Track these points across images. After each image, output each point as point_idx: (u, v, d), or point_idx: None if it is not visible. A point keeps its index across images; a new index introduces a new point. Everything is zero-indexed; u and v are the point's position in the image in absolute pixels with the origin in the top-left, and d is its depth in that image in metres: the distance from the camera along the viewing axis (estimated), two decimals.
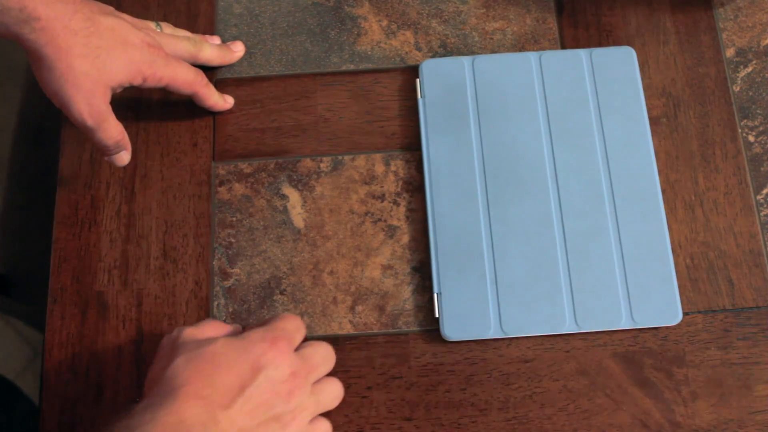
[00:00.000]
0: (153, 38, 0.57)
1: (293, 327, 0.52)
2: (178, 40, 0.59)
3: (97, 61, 0.53)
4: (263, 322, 0.53)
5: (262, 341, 0.49)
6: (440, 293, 0.56)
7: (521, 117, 0.60)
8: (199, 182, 0.60)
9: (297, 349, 0.51)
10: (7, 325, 0.79)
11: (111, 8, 0.56)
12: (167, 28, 0.61)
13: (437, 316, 0.56)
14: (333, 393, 0.53)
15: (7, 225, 0.82)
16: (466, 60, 0.62)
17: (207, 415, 0.46)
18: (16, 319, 0.80)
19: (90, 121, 0.54)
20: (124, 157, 0.58)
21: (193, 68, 0.59)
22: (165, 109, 0.62)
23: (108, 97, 0.54)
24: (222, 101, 0.61)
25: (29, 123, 0.84)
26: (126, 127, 0.59)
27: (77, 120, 0.54)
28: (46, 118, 0.81)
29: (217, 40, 0.64)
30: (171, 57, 0.57)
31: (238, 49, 0.64)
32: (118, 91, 0.56)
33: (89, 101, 0.53)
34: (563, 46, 0.64)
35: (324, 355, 0.52)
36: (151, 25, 0.59)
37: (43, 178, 0.72)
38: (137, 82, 0.56)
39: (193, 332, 0.50)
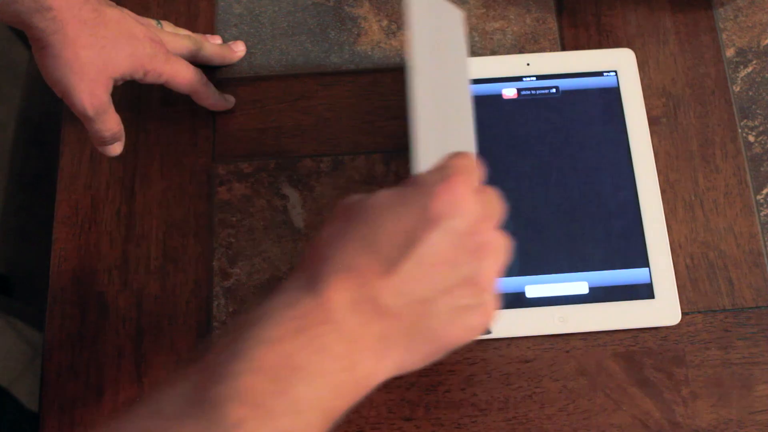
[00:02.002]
0: (155, 34, 0.57)
1: (471, 163, 0.41)
2: (179, 38, 0.60)
3: (102, 51, 0.53)
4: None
5: (434, 183, 0.38)
6: None
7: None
8: (199, 182, 0.60)
9: None
10: (7, 325, 0.79)
11: (114, 3, 0.56)
12: (168, 27, 0.61)
13: None
14: (506, 246, 0.40)
15: (7, 225, 0.82)
16: None
17: (359, 292, 0.36)
18: (16, 319, 0.80)
19: (91, 111, 0.54)
20: (117, 149, 0.58)
21: (193, 67, 0.59)
22: (165, 108, 0.62)
23: (110, 88, 0.55)
24: (222, 101, 0.61)
25: (29, 123, 0.84)
26: (126, 127, 0.59)
27: (78, 109, 0.54)
28: (46, 118, 0.81)
29: (218, 39, 0.64)
30: (172, 54, 0.58)
31: (239, 49, 0.64)
32: (120, 83, 0.56)
33: (91, 91, 0.54)
34: (563, 46, 0.64)
35: (499, 198, 0.41)
36: (153, 23, 0.60)
37: (43, 178, 0.72)
38: (138, 75, 0.56)
39: (361, 195, 0.39)
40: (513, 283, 0.57)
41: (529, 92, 0.62)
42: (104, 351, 0.56)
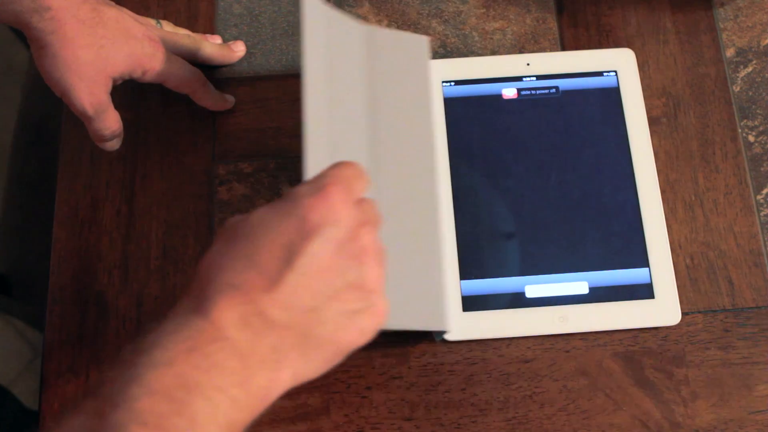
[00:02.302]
0: (154, 33, 0.57)
1: (352, 172, 0.41)
2: (178, 38, 0.60)
3: (101, 51, 0.53)
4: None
5: (308, 195, 0.38)
6: None
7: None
8: (199, 182, 0.60)
9: None
10: (7, 325, 0.79)
11: (113, 2, 0.57)
12: (168, 26, 0.61)
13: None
14: (384, 251, 0.42)
15: (7, 225, 0.82)
16: None
17: (246, 308, 0.36)
18: (16, 319, 0.80)
19: (90, 110, 0.54)
20: (115, 144, 0.59)
21: (192, 67, 0.59)
22: (165, 109, 0.62)
23: (109, 87, 0.55)
24: (222, 101, 0.61)
25: (29, 123, 0.84)
26: (126, 127, 0.59)
27: (77, 109, 0.54)
28: (46, 118, 0.81)
29: (218, 39, 0.64)
30: (171, 53, 0.58)
31: (238, 49, 0.64)
32: (119, 82, 0.56)
33: (91, 90, 0.54)
34: (563, 46, 0.64)
35: (376, 206, 0.42)
36: (152, 22, 0.60)
37: (43, 178, 0.72)
38: (137, 74, 0.56)
39: (241, 215, 0.40)
40: (513, 283, 0.57)
41: (529, 92, 0.62)
42: (104, 351, 0.56)
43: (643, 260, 0.57)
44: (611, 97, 0.61)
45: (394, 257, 0.45)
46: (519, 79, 0.62)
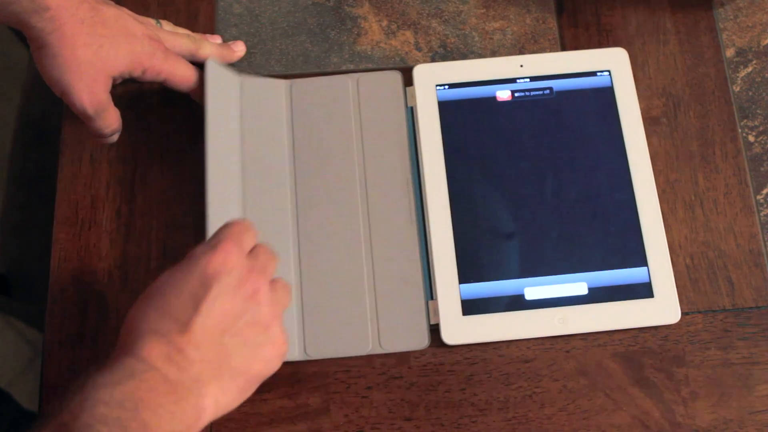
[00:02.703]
0: (154, 32, 0.57)
1: (239, 229, 0.48)
2: (178, 37, 0.60)
3: (101, 50, 0.53)
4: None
5: (204, 252, 0.46)
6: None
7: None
8: (199, 182, 0.60)
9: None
10: (7, 325, 0.79)
11: (112, 2, 0.57)
12: (167, 26, 0.61)
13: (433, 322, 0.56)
14: (285, 288, 0.50)
15: (7, 225, 0.82)
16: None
17: (168, 347, 0.43)
18: (16, 319, 0.80)
19: (90, 110, 0.55)
20: (114, 139, 0.59)
21: (192, 65, 0.59)
22: (165, 109, 0.62)
23: (109, 86, 0.55)
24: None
25: (29, 123, 0.84)
26: (126, 128, 0.59)
27: (78, 108, 0.54)
28: (46, 118, 0.81)
29: (218, 39, 0.64)
30: (171, 52, 0.58)
31: (238, 49, 0.64)
32: (119, 81, 0.56)
33: (90, 89, 0.54)
34: (563, 46, 0.64)
35: (269, 251, 0.49)
36: (152, 22, 0.60)
37: (43, 178, 0.72)
38: (137, 73, 0.56)
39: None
40: (512, 285, 0.57)
41: (523, 94, 0.61)
42: (104, 351, 0.56)
43: (641, 259, 0.57)
44: (605, 96, 0.61)
45: (379, 285, 0.56)
46: (513, 80, 0.62)
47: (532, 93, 0.62)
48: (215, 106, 0.58)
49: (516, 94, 0.62)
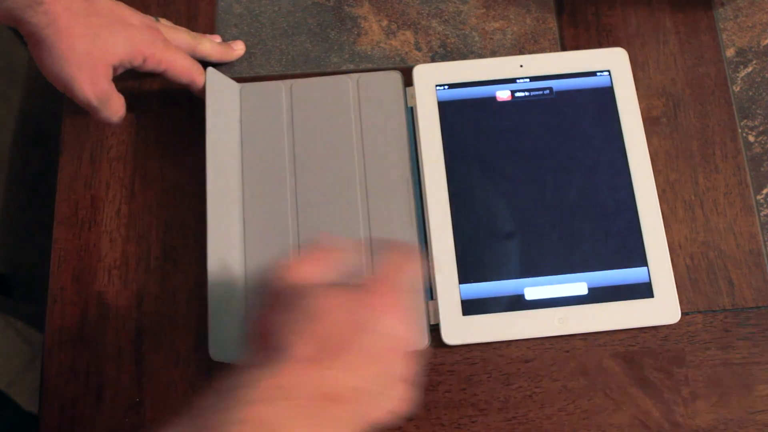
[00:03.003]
0: (153, 22, 0.57)
1: (403, 270, 0.47)
2: (177, 31, 0.60)
3: (98, 40, 0.53)
4: (383, 251, 0.47)
5: (369, 294, 0.44)
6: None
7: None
8: (199, 182, 0.60)
9: None
10: (7, 325, 0.79)
11: None
12: (166, 23, 0.61)
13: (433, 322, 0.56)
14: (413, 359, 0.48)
15: (7, 225, 0.82)
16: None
17: (310, 377, 0.41)
18: (16, 319, 0.80)
19: (95, 101, 0.55)
20: (119, 120, 0.59)
21: (192, 58, 0.59)
22: (165, 108, 0.62)
23: (110, 75, 0.55)
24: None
25: (29, 123, 0.84)
26: (126, 127, 0.59)
27: (81, 100, 0.55)
28: (46, 118, 0.81)
29: (217, 38, 0.64)
30: (170, 42, 0.58)
31: (238, 48, 0.64)
32: (120, 71, 0.56)
33: (92, 80, 0.54)
34: (563, 47, 0.64)
35: None
36: (150, 18, 0.60)
37: (43, 178, 0.72)
38: (137, 62, 0.56)
39: (296, 274, 0.45)
40: (512, 285, 0.57)
41: (523, 94, 0.61)
42: (104, 351, 0.56)
43: (641, 259, 0.57)
44: (605, 96, 0.61)
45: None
46: (513, 80, 0.62)
47: (532, 93, 0.62)
48: (215, 112, 0.58)
49: (516, 94, 0.62)
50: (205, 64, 0.62)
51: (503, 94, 0.62)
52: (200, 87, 0.60)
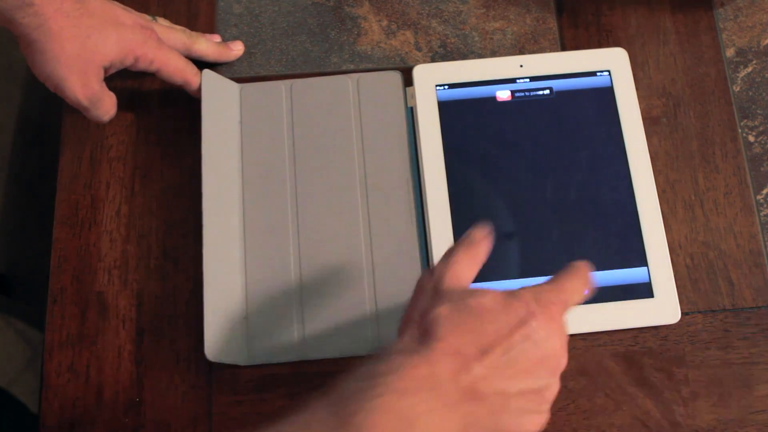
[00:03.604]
0: (146, 22, 0.57)
1: (574, 288, 0.46)
2: (172, 31, 0.60)
3: (88, 41, 0.53)
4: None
5: (532, 301, 0.43)
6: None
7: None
8: (199, 182, 0.60)
9: None
10: (7, 325, 0.79)
11: None
12: (163, 22, 0.61)
13: None
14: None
15: (7, 225, 0.82)
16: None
17: (460, 369, 0.40)
18: (16, 319, 0.80)
19: (85, 101, 0.55)
20: (110, 119, 0.60)
21: (187, 59, 0.59)
22: (165, 108, 0.62)
23: (101, 76, 0.56)
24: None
25: (29, 123, 0.84)
26: (126, 127, 0.59)
27: (72, 100, 0.55)
28: (46, 118, 0.81)
29: (216, 38, 0.64)
30: (163, 42, 0.58)
31: (236, 48, 0.63)
32: (112, 71, 0.57)
33: (83, 81, 0.54)
34: (563, 47, 0.64)
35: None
36: (147, 17, 0.59)
37: (43, 178, 0.72)
38: (129, 61, 0.56)
39: (457, 276, 0.45)
40: (512, 285, 0.57)
41: (523, 94, 0.61)
42: (104, 351, 0.56)
43: (641, 259, 0.57)
44: (605, 96, 0.61)
45: (379, 285, 0.56)
46: (513, 80, 0.62)
47: (532, 93, 0.62)
48: (211, 113, 0.58)
49: (516, 94, 0.62)
50: (204, 64, 0.62)
51: (503, 94, 0.62)
52: (195, 88, 0.59)
